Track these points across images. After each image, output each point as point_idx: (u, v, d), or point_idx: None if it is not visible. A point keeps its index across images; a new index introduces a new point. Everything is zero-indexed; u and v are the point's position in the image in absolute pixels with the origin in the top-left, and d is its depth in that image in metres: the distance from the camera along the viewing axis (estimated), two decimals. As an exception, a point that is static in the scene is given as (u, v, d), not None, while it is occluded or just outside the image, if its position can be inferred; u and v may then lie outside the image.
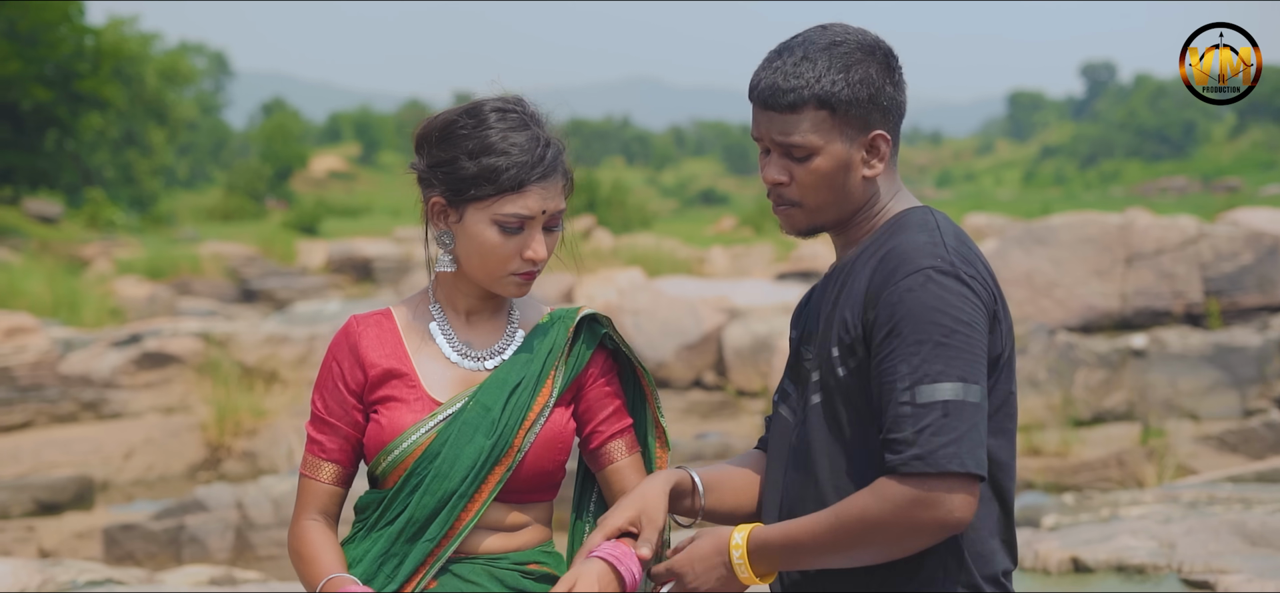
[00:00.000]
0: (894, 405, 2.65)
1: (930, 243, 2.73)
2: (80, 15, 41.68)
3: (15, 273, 22.52)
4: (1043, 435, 11.97)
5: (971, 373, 2.64)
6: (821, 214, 2.86)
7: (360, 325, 3.01)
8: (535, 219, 2.91)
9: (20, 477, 11.76)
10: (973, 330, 2.66)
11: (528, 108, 2.99)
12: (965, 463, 2.61)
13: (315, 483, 2.98)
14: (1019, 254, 17.86)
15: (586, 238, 33.56)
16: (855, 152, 2.81)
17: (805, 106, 2.79)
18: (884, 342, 2.68)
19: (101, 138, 44.45)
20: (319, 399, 3.00)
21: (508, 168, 2.88)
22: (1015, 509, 2.72)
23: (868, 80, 2.79)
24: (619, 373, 3.12)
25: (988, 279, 2.75)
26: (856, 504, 2.69)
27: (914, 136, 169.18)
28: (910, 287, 2.67)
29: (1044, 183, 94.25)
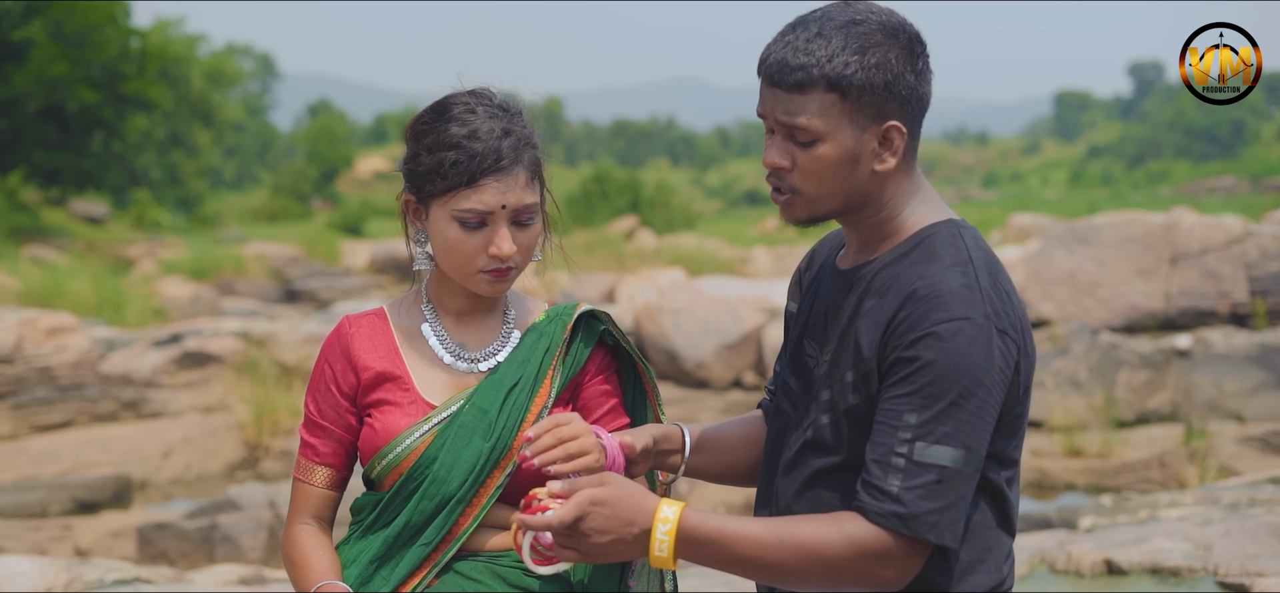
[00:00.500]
0: (889, 451, 2.52)
1: (966, 286, 2.54)
2: (126, 17, 41.88)
3: (60, 273, 22.66)
4: (1085, 437, 11.85)
5: (976, 441, 2.51)
6: (822, 205, 2.67)
7: (352, 327, 2.95)
8: (495, 214, 2.80)
9: (59, 476, 11.81)
10: (991, 393, 2.52)
11: (494, 99, 2.88)
12: (943, 535, 2.51)
13: (308, 487, 2.92)
14: (1062, 254, 17.72)
15: (629, 238, 33.55)
16: (866, 142, 2.61)
17: (814, 87, 2.59)
18: (901, 381, 2.53)
19: (148, 139, 44.65)
20: (311, 402, 2.94)
21: (458, 161, 2.78)
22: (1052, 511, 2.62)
23: (885, 65, 2.58)
24: (618, 370, 3.04)
25: (1018, 319, 2.60)
26: (809, 531, 2.56)
27: (960, 137, 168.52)
28: (942, 336, 2.50)
29: (1091, 183, 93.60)
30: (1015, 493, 2.71)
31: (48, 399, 13.73)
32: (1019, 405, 2.62)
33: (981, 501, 2.65)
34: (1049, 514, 7.96)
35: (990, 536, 2.66)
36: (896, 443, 2.51)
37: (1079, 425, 12.13)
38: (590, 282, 23.66)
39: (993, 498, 2.66)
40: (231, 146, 74.61)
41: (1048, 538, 6.81)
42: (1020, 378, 2.59)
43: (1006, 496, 2.67)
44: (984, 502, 2.65)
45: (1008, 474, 2.67)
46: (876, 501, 2.52)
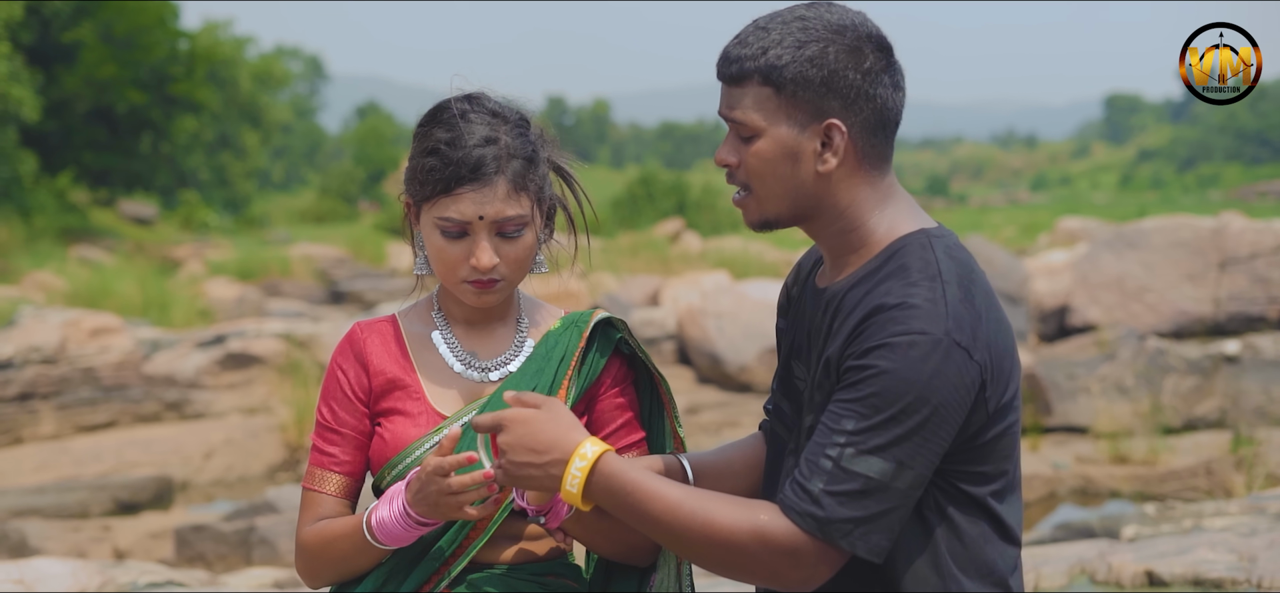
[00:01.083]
0: (820, 452, 2.46)
1: (929, 301, 2.46)
2: (175, 19, 42.15)
3: (107, 273, 22.79)
4: (1130, 444, 11.71)
5: (915, 458, 2.44)
6: (770, 205, 2.61)
7: (364, 332, 2.89)
8: (473, 224, 2.72)
9: (101, 476, 11.84)
10: (938, 413, 2.43)
11: (488, 104, 2.80)
12: (856, 546, 2.44)
13: (320, 496, 2.82)
14: (1109, 258, 17.59)
15: (675, 241, 33.48)
16: (805, 141, 2.55)
17: (749, 80, 2.57)
18: (847, 387, 2.47)
19: (196, 141, 44.90)
20: (326, 408, 2.86)
21: (436, 168, 2.72)
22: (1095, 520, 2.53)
23: (821, 60, 2.52)
24: (635, 381, 2.94)
25: (990, 336, 2.51)
26: (725, 512, 2.49)
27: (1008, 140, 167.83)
28: (893, 348, 2.43)
29: (1141, 187, 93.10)
30: (1010, 505, 2.63)
31: (91, 400, 13.79)
32: (993, 427, 2.54)
33: (973, 514, 2.57)
34: (1092, 523, 7.85)
35: (991, 549, 2.59)
36: (828, 445, 2.45)
37: (1125, 432, 11.99)
38: (635, 284, 23.62)
39: (983, 512, 2.59)
40: (279, 148, 74.99)
41: (1088, 548, 6.72)
42: (986, 398, 2.51)
43: (995, 510, 2.59)
44: (976, 516, 2.58)
45: (993, 489, 2.59)
46: (796, 498, 2.46)
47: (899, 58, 2.65)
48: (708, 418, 14.25)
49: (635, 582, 2.87)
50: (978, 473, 2.55)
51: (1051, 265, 19.45)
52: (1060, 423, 12.76)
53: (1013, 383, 2.57)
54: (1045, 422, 12.61)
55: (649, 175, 47.47)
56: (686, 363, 17.00)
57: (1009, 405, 2.56)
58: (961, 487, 2.55)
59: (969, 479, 2.55)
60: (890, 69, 2.60)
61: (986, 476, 2.56)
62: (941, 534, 2.55)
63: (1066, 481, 11.14)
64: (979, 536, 2.58)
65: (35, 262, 25.69)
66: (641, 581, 2.87)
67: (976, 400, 2.48)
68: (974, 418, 2.50)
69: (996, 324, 2.54)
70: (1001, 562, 2.61)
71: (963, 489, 2.55)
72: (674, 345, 17.32)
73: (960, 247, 2.61)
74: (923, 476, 2.46)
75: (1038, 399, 12.61)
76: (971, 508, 2.57)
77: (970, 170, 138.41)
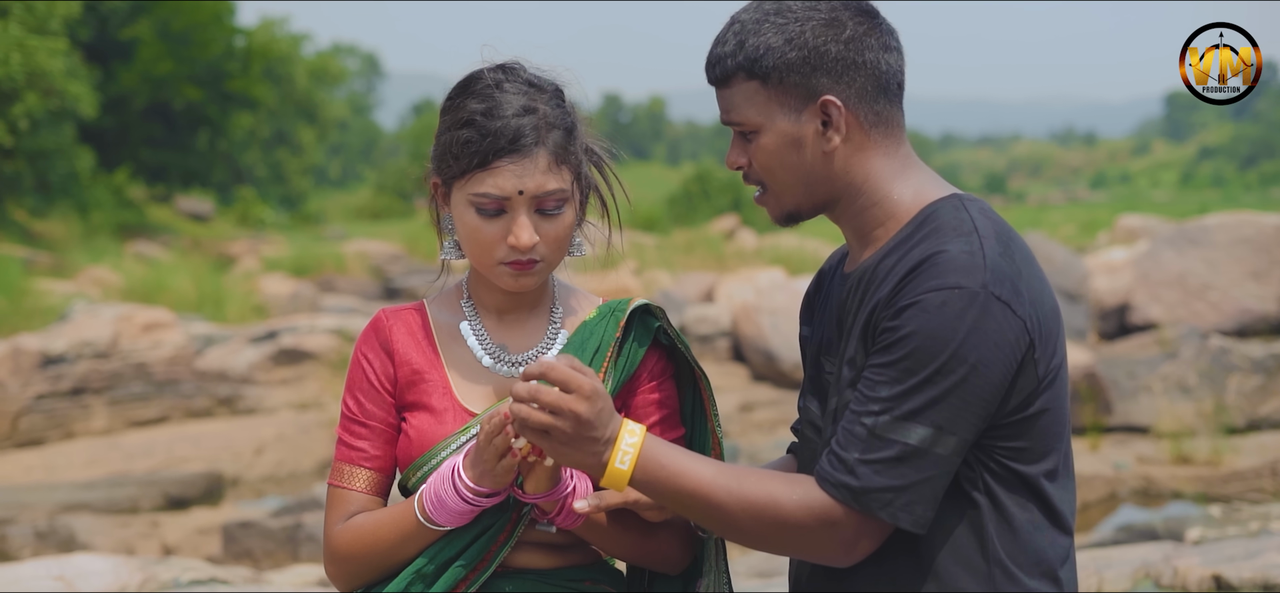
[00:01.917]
0: (854, 420, 2.35)
1: (967, 253, 2.34)
2: (231, 16, 42.36)
3: (163, 269, 22.85)
4: (1193, 444, 11.48)
5: (952, 422, 2.31)
6: (789, 197, 2.53)
7: (390, 320, 2.72)
8: (512, 200, 2.55)
9: (152, 472, 11.79)
10: (977, 372, 2.31)
11: (524, 74, 2.63)
12: (898, 517, 2.33)
13: (350, 493, 2.66)
14: (1171, 255, 17.36)
15: (730, 238, 33.33)
16: (805, 125, 2.47)
17: (734, 78, 2.50)
18: (880, 352, 2.35)
19: (252, 137, 45.14)
20: (351, 400, 2.69)
21: (471, 140, 2.55)
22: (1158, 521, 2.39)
23: (799, 39, 2.43)
24: (674, 375, 2.76)
25: (1032, 293, 2.38)
26: (767, 487, 2.39)
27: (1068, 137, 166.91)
28: (927, 306, 2.31)
29: (1202, 184, 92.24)
30: (1062, 489, 2.48)
31: (143, 395, 13.78)
32: (1041, 395, 2.40)
33: (1022, 497, 2.43)
34: (1155, 525, 7.67)
35: (1042, 537, 2.45)
36: (864, 413, 2.34)
37: (1187, 432, 11.76)
38: (689, 281, 23.49)
39: (1034, 495, 2.44)
40: (336, 145, 75.27)
41: (1153, 551, 6.54)
42: (1036, 359, 2.37)
43: (1047, 494, 2.45)
44: (1026, 499, 2.44)
45: (1044, 468, 2.44)
46: (832, 468, 2.36)
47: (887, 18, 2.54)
48: (762, 416, 14.09)
49: (679, 585, 2.73)
50: (1027, 450, 2.42)
51: (1112, 263, 19.19)
52: (1121, 423, 12.54)
53: (1061, 348, 2.45)
54: (1106, 421, 12.39)
55: (704, 172, 47.37)
56: (741, 360, 16.87)
57: (1058, 373, 2.43)
58: (1010, 465, 2.42)
59: (1018, 457, 2.41)
60: (877, 30, 2.50)
61: (1037, 453, 2.43)
62: (989, 518, 2.42)
63: (1127, 481, 10.92)
64: (1029, 522, 2.44)
65: (92, 257, 25.79)
66: (686, 582, 2.73)
67: (1024, 360, 2.36)
68: (1021, 382, 2.37)
69: (1039, 283, 2.42)
70: (1052, 552, 2.47)
71: (1012, 468, 2.42)
72: (728, 343, 17.19)
73: (994, 211, 2.48)
74: (965, 441, 2.34)
75: (1098, 398, 12.38)
76: (1021, 490, 2.43)
77: (1029, 168, 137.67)
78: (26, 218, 32.02)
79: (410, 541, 2.57)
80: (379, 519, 2.61)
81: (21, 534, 9.65)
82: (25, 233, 30.49)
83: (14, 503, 10.61)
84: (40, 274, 23.03)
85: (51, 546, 9.39)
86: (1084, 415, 12.05)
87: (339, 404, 2.75)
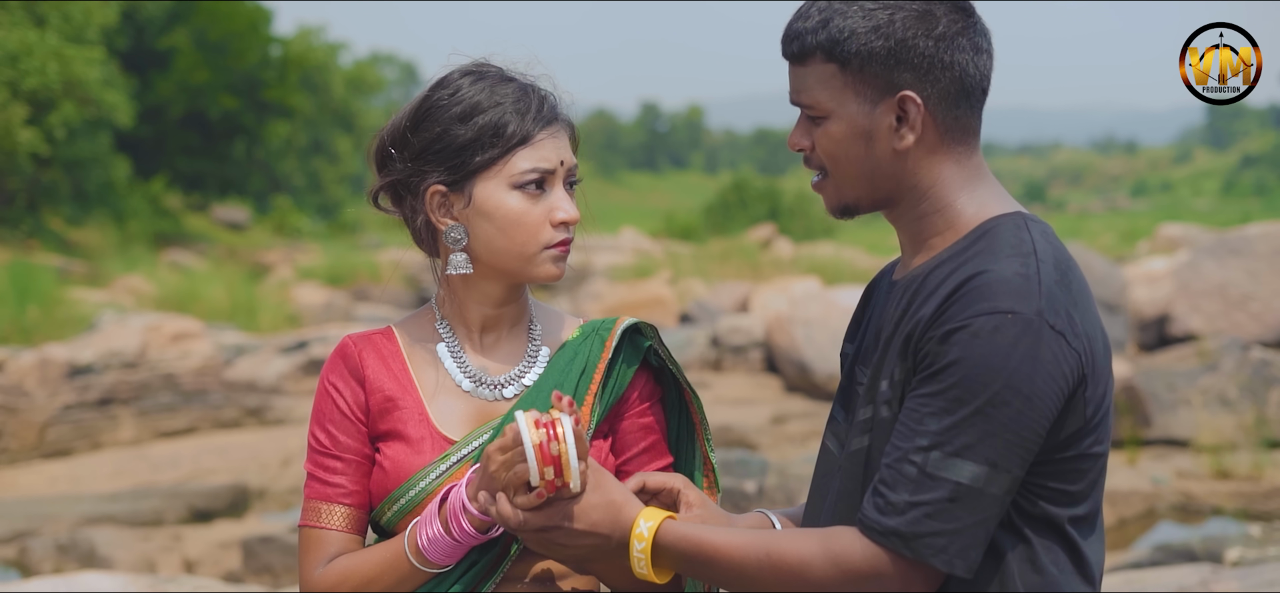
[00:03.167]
0: (901, 457, 2.17)
1: (1022, 277, 2.18)
2: (268, 25, 42.45)
3: (196, 278, 22.86)
4: (1234, 458, 11.25)
5: (1006, 458, 2.14)
6: (850, 189, 2.36)
7: (359, 345, 2.57)
8: (556, 172, 2.47)
9: (177, 483, 11.70)
10: (1032, 405, 2.14)
11: (497, 67, 2.54)
12: (953, 564, 2.15)
13: (327, 533, 2.48)
14: (1212, 265, 17.12)
15: (766, 247, 33.15)
16: (879, 118, 2.30)
17: (811, 57, 2.32)
18: (926, 380, 2.18)
19: (289, 146, 45.21)
20: (322, 432, 2.52)
21: (505, 121, 2.44)
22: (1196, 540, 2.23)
23: (887, 28, 2.26)
24: (663, 398, 2.62)
25: (1086, 327, 2.21)
26: (797, 547, 2.23)
27: (1108, 145, 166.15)
28: (978, 331, 2.14)
29: (1244, 193, 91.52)
30: (1092, 541, 2.31)
31: (171, 405, 13.71)
32: (1087, 436, 2.23)
33: (1051, 541, 2.26)
34: (1193, 545, 7.46)
35: (1068, 586, 2.27)
36: (912, 450, 2.16)
37: (1228, 446, 11.53)
38: (724, 291, 23.36)
39: (1063, 541, 2.27)
40: (374, 154, 75.34)
41: (1190, 573, 6.34)
42: (1085, 398, 2.21)
43: (1076, 542, 2.27)
44: (1054, 544, 2.26)
45: (1076, 514, 2.27)
46: (879, 513, 2.18)
47: (982, 17, 2.37)
48: (795, 428, 13.91)
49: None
50: (1063, 492, 2.24)
51: (1151, 273, 18.95)
52: (1160, 436, 12.32)
53: (1110, 390, 2.28)
54: (1144, 434, 12.17)
55: (742, 181, 47.23)
56: (774, 371, 16.71)
57: (1105, 416, 2.26)
58: (1044, 506, 2.24)
59: (1053, 498, 2.24)
60: (970, 30, 2.33)
61: (1072, 496, 2.25)
62: (1016, 561, 2.24)
63: (1166, 497, 10.71)
64: (1056, 570, 2.26)
65: (127, 266, 25.82)
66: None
67: (1073, 397, 2.19)
68: (1068, 419, 2.20)
69: (1093, 317, 2.25)
70: None
71: (1045, 509, 2.24)
72: (761, 353, 17.04)
73: (1055, 234, 2.31)
74: (1017, 478, 2.17)
75: (1136, 411, 12.17)
76: (1051, 534, 2.25)
77: (1069, 176, 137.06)
78: (63, 227, 32.13)
79: (404, 582, 2.42)
80: (365, 562, 2.45)
81: (42, 547, 9.56)
82: (61, 241, 30.57)
83: (38, 515, 10.52)
84: (75, 283, 23.07)
85: (72, 559, 9.29)
86: (1122, 429, 11.84)
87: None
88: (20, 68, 29.01)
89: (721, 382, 16.32)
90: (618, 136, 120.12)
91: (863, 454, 2.32)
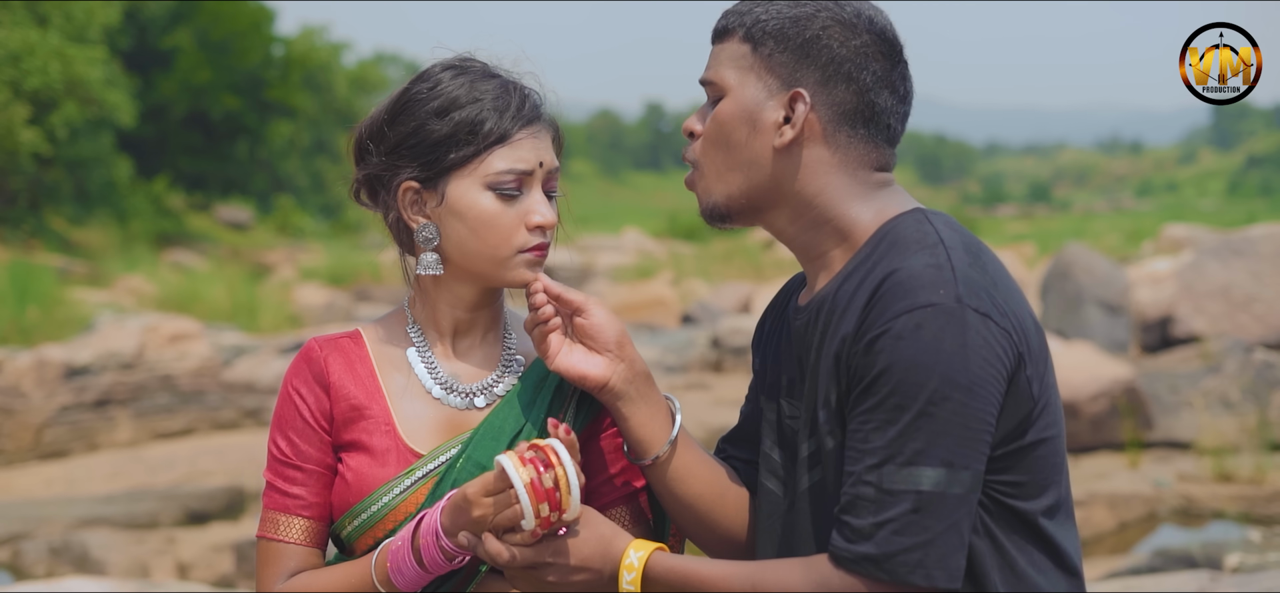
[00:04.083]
0: (856, 480, 2.09)
1: (934, 267, 2.11)
2: (270, 24, 42.44)
3: (197, 278, 22.84)
4: (1237, 461, 11.18)
5: (961, 455, 2.06)
6: (722, 183, 2.29)
7: (324, 349, 2.48)
8: (534, 174, 2.37)
9: (173, 485, 11.63)
10: (974, 394, 2.06)
11: (481, 62, 2.46)
12: (933, 576, 2.07)
13: (284, 546, 2.41)
14: (1215, 266, 17.04)
15: (769, 247, 33.10)
16: (770, 109, 2.25)
17: (731, 35, 2.29)
18: (861, 397, 2.11)
19: (292, 146, 45.20)
20: (282, 439, 2.44)
21: (483, 118, 2.35)
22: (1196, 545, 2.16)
23: (806, 22, 2.23)
24: None
25: (1013, 306, 2.14)
26: (782, 576, 2.15)
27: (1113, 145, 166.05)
28: (901, 332, 2.07)
29: (1249, 193, 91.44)
30: (1064, 529, 2.23)
31: (168, 406, 13.66)
32: (1036, 421, 2.16)
33: (1023, 538, 2.19)
34: (1192, 550, 7.39)
35: (1046, 582, 2.20)
36: (863, 470, 2.09)
37: (1230, 448, 11.46)
38: (726, 291, 23.30)
39: (1034, 535, 2.19)
40: (378, 153, 75.37)
41: (1188, 580, 6.27)
42: (1028, 378, 2.13)
43: (1049, 533, 2.20)
44: (1028, 543, 2.19)
45: (1044, 506, 2.20)
46: (846, 541, 2.11)
47: (910, 65, 2.32)
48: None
49: None
50: (1025, 485, 2.17)
51: (1154, 274, 18.87)
52: (1162, 438, 12.25)
53: (1051, 371, 2.20)
54: (1146, 437, 12.09)
55: (745, 181, 47.12)
56: (775, 372, 16.63)
57: (1051, 398, 2.19)
58: (1009, 502, 2.16)
59: (1017, 494, 2.16)
60: (888, 64, 2.27)
61: (1035, 488, 2.18)
62: (991, 564, 2.17)
63: (1167, 500, 10.64)
64: (1035, 570, 2.19)
65: (128, 266, 25.79)
66: None
67: (1015, 376, 2.11)
68: (1016, 404, 2.12)
69: (1017, 298, 2.18)
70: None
71: (1010, 506, 2.17)
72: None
73: (961, 225, 2.24)
74: (978, 474, 2.09)
75: (1138, 413, 12.09)
76: (1022, 531, 2.18)
77: (1074, 177, 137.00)
78: (65, 227, 32.09)
79: None
80: (329, 581, 2.37)
81: (36, 549, 9.51)
82: (63, 242, 30.53)
83: (33, 517, 10.46)
84: (76, 283, 23.03)
85: (65, 562, 9.24)
86: (1124, 431, 11.77)
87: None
88: (22, 67, 28.98)
89: (722, 383, 16.26)
90: (622, 136, 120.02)
91: (814, 491, 2.25)
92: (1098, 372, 11.99)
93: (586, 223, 53.56)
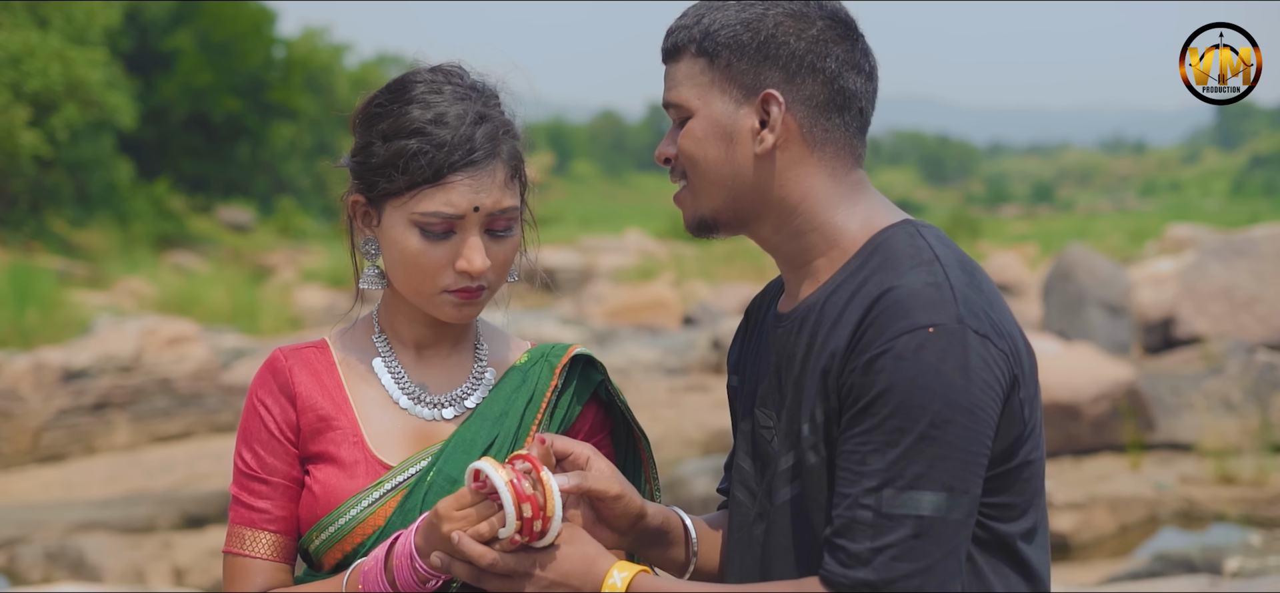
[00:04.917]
0: (852, 504, 2.02)
1: (934, 286, 2.05)
2: (271, 26, 42.41)
3: (198, 280, 22.80)
4: (1238, 462, 11.13)
5: (962, 479, 2.00)
6: (708, 198, 2.23)
7: (290, 359, 2.40)
8: (466, 218, 2.26)
9: (171, 489, 11.60)
10: (975, 417, 2.00)
11: (467, 78, 2.35)
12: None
13: (252, 561, 2.34)
14: (1217, 267, 16.98)
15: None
16: (742, 118, 2.19)
17: (683, 53, 2.23)
18: (859, 415, 2.04)
19: (293, 147, 45.16)
20: (248, 453, 2.37)
21: (421, 152, 2.25)
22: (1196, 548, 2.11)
23: (758, 24, 2.17)
24: (612, 432, 2.48)
25: (1006, 327, 2.09)
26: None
27: (1117, 145, 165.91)
28: (902, 353, 2.00)
29: (1253, 193, 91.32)
30: (1038, 549, 2.18)
31: (166, 409, 13.63)
32: (1025, 443, 2.10)
33: (999, 560, 2.13)
34: (1192, 555, 7.34)
35: None
36: (861, 494, 2.02)
37: (1232, 450, 11.40)
38: (729, 292, 23.26)
39: (1011, 558, 2.14)
40: (380, 155, 75.40)
41: (1187, 585, 6.22)
42: (1021, 400, 2.08)
43: (1025, 557, 2.15)
44: (1004, 565, 2.13)
45: (1022, 528, 2.14)
46: (842, 566, 2.04)
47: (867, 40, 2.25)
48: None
49: None
50: (1009, 507, 2.12)
51: (1157, 274, 18.82)
52: (1163, 440, 12.19)
53: (1038, 392, 2.15)
54: (1147, 438, 12.04)
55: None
56: (776, 374, 16.58)
57: (1038, 417, 2.14)
58: (992, 525, 2.11)
59: (1000, 516, 2.11)
60: (848, 45, 2.21)
61: (1018, 510, 2.13)
62: (967, 586, 2.11)
63: (1169, 503, 10.58)
64: (1006, 589, 2.13)
65: (129, 268, 25.75)
66: None
67: (1010, 400, 2.06)
68: (1008, 426, 2.07)
69: (1009, 318, 2.13)
70: None
71: (992, 529, 2.11)
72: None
73: (950, 239, 2.19)
74: (976, 498, 2.04)
75: (1140, 414, 12.04)
76: (1001, 555, 2.13)
77: (1077, 176, 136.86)
78: (65, 229, 32.05)
79: None
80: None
81: (31, 554, 9.47)
82: (64, 244, 30.49)
83: (29, 522, 10.42)
84: (76, 285, 22.99)
85: (61, 567, 9.20)
86: (1125, 432, 11.71)
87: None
88: (23, 69, 28.96)
89: (722, 384, 16.20)
90: (625, 137, 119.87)
91: (794, 505, 2.19)
92: (1099, 373, 11.94)
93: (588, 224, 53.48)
